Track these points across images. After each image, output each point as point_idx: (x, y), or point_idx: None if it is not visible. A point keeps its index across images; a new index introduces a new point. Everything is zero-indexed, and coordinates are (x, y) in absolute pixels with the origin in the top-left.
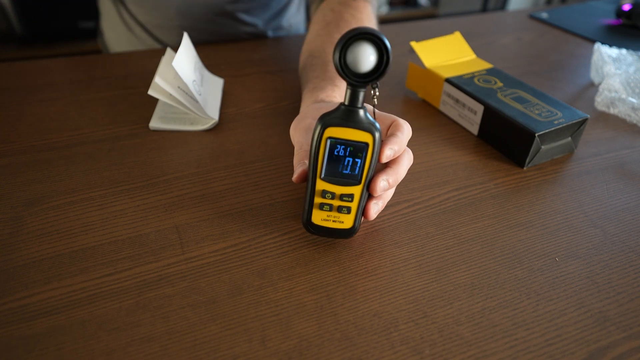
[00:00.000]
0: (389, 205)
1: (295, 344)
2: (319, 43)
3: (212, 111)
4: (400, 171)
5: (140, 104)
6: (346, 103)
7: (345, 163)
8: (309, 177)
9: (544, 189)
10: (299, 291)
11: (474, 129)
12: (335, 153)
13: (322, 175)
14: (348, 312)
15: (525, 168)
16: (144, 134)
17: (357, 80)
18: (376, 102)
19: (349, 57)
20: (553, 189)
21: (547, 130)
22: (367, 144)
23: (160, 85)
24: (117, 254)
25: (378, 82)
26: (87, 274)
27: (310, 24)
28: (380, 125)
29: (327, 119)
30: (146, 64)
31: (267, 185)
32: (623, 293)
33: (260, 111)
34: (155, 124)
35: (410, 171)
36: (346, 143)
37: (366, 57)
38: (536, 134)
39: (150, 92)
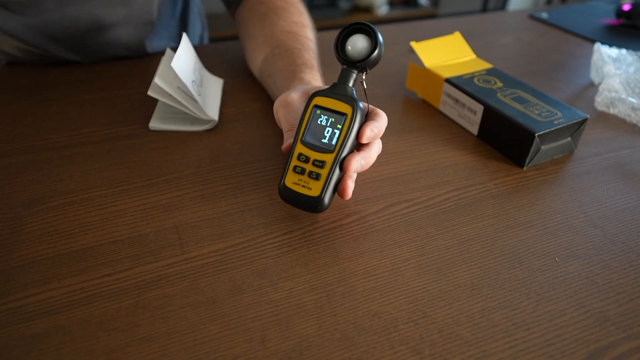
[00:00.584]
0: (389, 205)
1: (295, 344)
2: (269, 35)
3: (212, 111)
4: (371, 155)
5: (140, 104)
6: (339, 81)
7: (325, 132)
8: (293, 144)
9: (543, 189)
10: (298, 291)
11: (474, 129)
12: (318, 122)
13: (303, 139)
14: (348, 312)
15: (525, 168)
16: (143, 134)
17: (350, 63)
18: (365, 86)
19: (347, 43)
20: (553, 189)
21: (547, 130)
22: (345, 115)
23: (159, 85)
24: (117, 254)
25: (368, 68)
26: (87, 274)
27: (241, 21)
28: None
29: (319, 91)
30: (146, 64)
31: (267, 185)
32: (623, 293)
33: (260, 111)
34: (155, 124)
35: (410, 171)
36: (328, 112)
37: (361, 45)
38: (536, 134)
39: (150, 92)
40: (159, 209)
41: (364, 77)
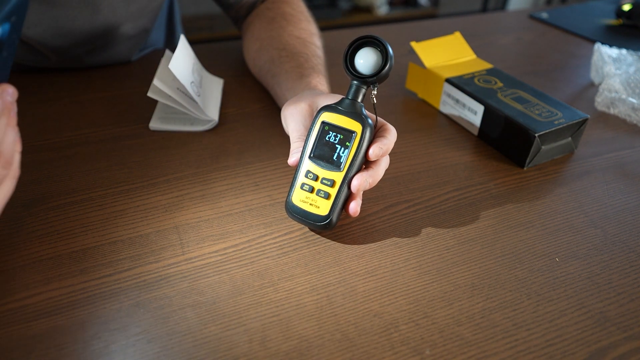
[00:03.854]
0: (389, 205)
1: (295, 344)
2: (276, 37)
3: (212, 112)
4: (378, 172)
5: (140, 104)
6: (348, 97)
7: (334, 150)
8: (300, 160)
9: (544, 189)
10: (299, 292)
11: (474, 129)
12: (327, 138)
13: (310, 155)
14: (348, 312)
15: (525, 168)
16: (144, 134)
17: (360, 78)
18: (375, 101)
19: (357, 57)
20: (553, 189)
21: (547, 131)
22: (355, 133)
23: (159, 87)
24: (117, 255)
25: (377, 84)
26: (87, 275)
27: (247, 25)
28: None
29: (327, 107)
30: (146, 64)
31: (267, 186)
32: (623, 293)
33: (260, 111)
34: (155, 124)
35: (410, 171)
36: (337, 129)
37: (371, 60)
38: (536, 134)
39: (150, 94)
40: (159, 209)
41: (374, 92)
